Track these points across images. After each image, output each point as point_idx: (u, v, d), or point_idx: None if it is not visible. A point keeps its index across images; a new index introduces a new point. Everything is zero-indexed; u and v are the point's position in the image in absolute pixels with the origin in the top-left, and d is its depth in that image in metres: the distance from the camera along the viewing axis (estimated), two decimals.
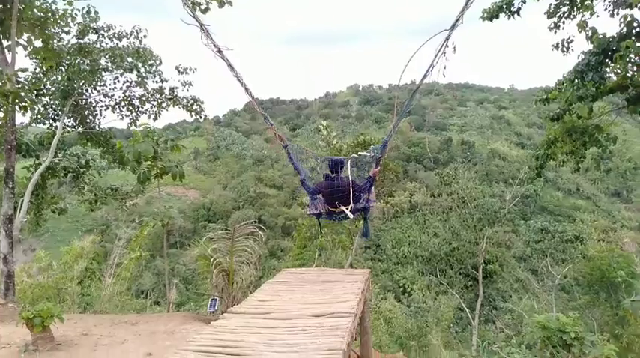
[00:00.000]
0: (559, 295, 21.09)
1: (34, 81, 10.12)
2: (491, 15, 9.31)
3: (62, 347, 6.37)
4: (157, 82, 11.24)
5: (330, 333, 4.22)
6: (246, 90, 5.41)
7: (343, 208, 6.02)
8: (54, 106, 10.55)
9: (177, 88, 11.34)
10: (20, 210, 9.45)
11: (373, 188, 6.46)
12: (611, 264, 16.62)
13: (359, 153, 6.47)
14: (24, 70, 9.04)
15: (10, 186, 8.70)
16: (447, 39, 4.69)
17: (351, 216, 6.08)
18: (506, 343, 7.23)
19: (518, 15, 9.18)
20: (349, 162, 6.24)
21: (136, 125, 11.56)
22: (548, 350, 6.66)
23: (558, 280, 19.46)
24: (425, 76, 5.18)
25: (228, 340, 4.21)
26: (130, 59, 10.64)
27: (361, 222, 14.07)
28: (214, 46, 4.84)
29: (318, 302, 5.41)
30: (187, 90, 11.34)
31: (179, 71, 11.13)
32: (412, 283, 36.93)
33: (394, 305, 22.76)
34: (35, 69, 10.25)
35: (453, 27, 4.64)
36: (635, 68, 8.09)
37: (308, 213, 6.94)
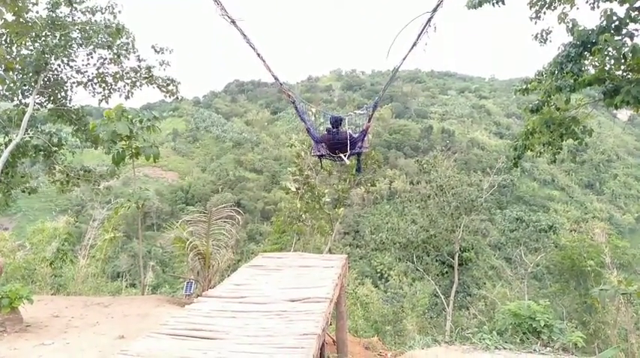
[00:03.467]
0: (531, 283, 21.58)
1: (5, 56, 9.70)
2: (476, 4, 9.27)
3: (31, 329, 6.23)
4: (128, 58, 10.89)
5: (306, 318, 4.22)
6: (259, 55, 5.72)
7: (341, 155, 7.00)
8: (24, 81, 10.12)
9: (154, 67, 11.02)
10: None
11: (366, 137, 7.45)
12: (582, 254, 17.08)
13: (355, 111, 7.55)
14: None
15: None
16: (430, 20, 4.92)
17: (347, 161, 7.10)
18: (478, 329, 7.36)
19: (503, 3, 9.15)
20: (346, 119, 7.24)
21: (107, 103, 11.22)
22: (519, 337, 6.82)
23: (531, 268, 19.88)
24: (410, 50, 5.45)
25: (202, 324, 4.17)
26: (102, 36, 10.25)
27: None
28: (228, 17, 5.06)
29: (294, 286, 5.40)
30: (164, 69, 11.04)
31: (155, 50, 10.80)
32: (389, 269, 37.51)
33: (371, 291, 23.06)
34: (0, 43, 9.80)
35: (435, 9, 4.84)
36: (612, 61, 8.18)
37: (312, 154, 8.19)
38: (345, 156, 6.95)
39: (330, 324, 6.40)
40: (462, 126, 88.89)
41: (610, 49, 7.61)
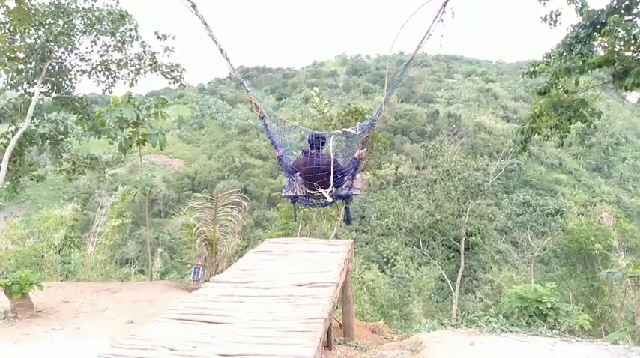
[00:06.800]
0: (538, 267, 21.61)
1: (7, 43, 9.70)
2: None
3: (42, 315, 6.32)
4: (132, 45, 10.83)
5: (312, 302, 4.24)
6: (221, 51, 4.94)
7: (322, 191, 5.28)
8: (29, 70, 10.12)
9: (157, 53, 10.97)
10: None
11: (358, 174, 5.69)
12: (589, 238, 17.05)
13: (344, 129, 5.71)
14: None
15: None
16: (445, 4, 4.25)
17: (330, 199, 5.37)
18: (484, 312, 7.39)
19: None
20: (332, 138, 5.48)
21: (111, 92, 11.21)
22: (525, 319, 6.84)
23: (537, 252, 19.91)
24: (420, 44, 4.62)
25: (210, 308, 4.21)
26: (105, 23, 10.19)
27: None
28: (188, 0, 4.47)
29: (300, 271, 5.41)
30: (168, 56, 10.97)
31: (158, 37, 10.73)
32: (395, 254, 37.59)
33: (377, 276, 23.17)
34: (4, 31, 9.77)
35: None
36: (622, 43, 8.05)
37: (283, 194, 6.19)
38: (327, 193, 5.25)
39: (337, 308, 6.44)
40: (469, 111, 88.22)
41: (619, 30, 7.48)
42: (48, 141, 10.62)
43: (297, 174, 5.57)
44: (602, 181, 69.52)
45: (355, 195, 5.83)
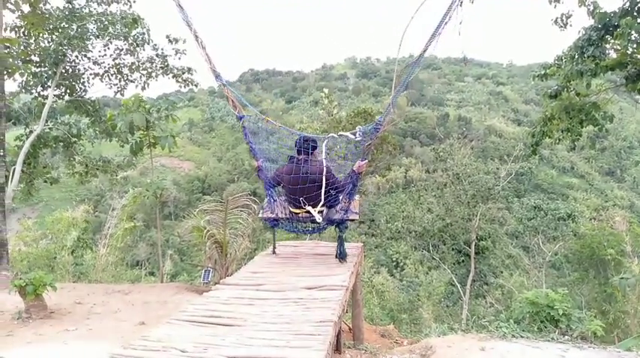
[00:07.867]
0: (549, 272, 21.39)
1: (22, 47, 9.87)
2: None
3: (55, 315, 6.39)
4: (144, 49, 10.96)
5: (322, 305, 4.24)
6: (196, 37, 4.41)
7: (310, 209, 4.37)
8: (43, 73, 10.28)
9: (169, 56, 11.09)
10: (12, 178, 9.34)
11: (357, 196, 4.65)
12: (602, 243, 16.87)
13: (340, 133, 4.91)
14: (13, 41, 8.75)
15: (1, 154, 8.57)
16: None
17: (319, 219, 4.43)
18: (495, 318, 7.32)
19: None
20: (325, 142, 4.66)
21: (123, 94, 11.35)
22: (536, 325, 6.77)
23: (549, 257, 19.71)
24: (437, 31, 3.94)
25: (220, 310, 4.22)
26: (118, 26, 10.34)
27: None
28: None
29: (310, 274, 5.41)
30: (179, 59, 11.10)
31: (169, 40, 10.85)
32: (405, 258, 37.36)
33: (387, 280, 23.06)
34: (19, 35, 9.93)
35: None
36: (635, 45, 7.98)
37: (260, 216, 5.17)
38: (316, 211, 4.37)
39: (346, 312, 6.43)
40: (479, 114, 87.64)
41: (632, 32, 7.42)
42: (61, 143, 10.79)
43: (280, 186, 4.67)
44: (615, 185, 68.64)
45: (352, 220, 4.84)
